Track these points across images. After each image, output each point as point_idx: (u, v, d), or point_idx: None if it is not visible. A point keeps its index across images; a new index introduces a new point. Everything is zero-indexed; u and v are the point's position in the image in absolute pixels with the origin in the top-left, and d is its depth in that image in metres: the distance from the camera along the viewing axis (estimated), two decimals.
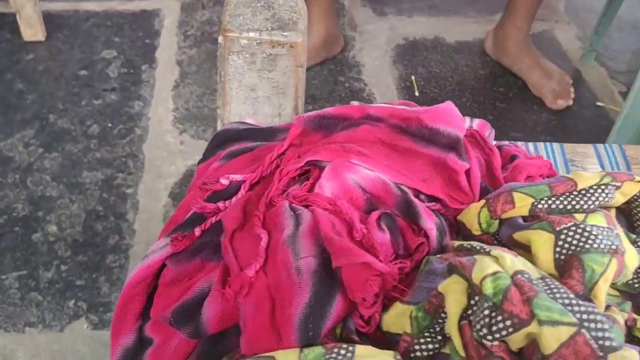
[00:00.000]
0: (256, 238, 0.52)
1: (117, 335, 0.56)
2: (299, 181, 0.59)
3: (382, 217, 0.54)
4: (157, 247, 0.58)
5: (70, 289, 1.38)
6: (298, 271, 0.47)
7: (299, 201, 0.54)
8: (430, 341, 0.47)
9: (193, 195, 0.61)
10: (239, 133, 0.68)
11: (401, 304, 0.50)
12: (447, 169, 0.58)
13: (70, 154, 1.65)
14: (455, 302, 0.45)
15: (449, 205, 0.57)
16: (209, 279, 0.52)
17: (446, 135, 0.58)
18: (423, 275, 0.50)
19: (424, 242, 0.53)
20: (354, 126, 0.61)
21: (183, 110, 1.80)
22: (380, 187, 0.55)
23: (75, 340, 1.30)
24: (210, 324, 0.49)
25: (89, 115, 1.76)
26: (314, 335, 0.45)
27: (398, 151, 0.59)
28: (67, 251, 1.44)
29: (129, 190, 1.58)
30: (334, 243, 0.47)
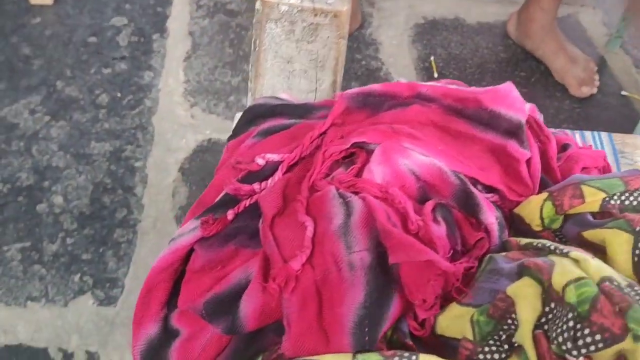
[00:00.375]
0: (300, 226, 0.47)
1: (140, 323, 0.52)
2: (343, 164, 0.53)
3: (437, 208, 0.49)
4: (185, 230, 0.53)
5: (75, 262, 1.33)
6: (350, 266, 0.43)
7: (346, 187, 0.49)
8: (496, 350, 0.42)
9: (225, 174, 0.56)
10: (273, 109, 0.63)
11: (459, 305, 0.45)
12: (507, 157, 0.53)
13: (77, 123, 1.60)
14: (529, 308, 0.40)
15: (507, 197, 0.52)
16: (247, 269, 0.48)
17: (507, 119, 0.53)
18: (485, 274, 0.45)
19: (484, 238, 0.48)
20: (402, 106, 0.56)
21: (194, 82, 1.74)
22: (436, 175, 0.50)
23: (80, 316, 1.26)
24: (249, 320, 0.45)
25: (98, 83, 1.70)
26: (370, 341, 0.41)
27: (452, 135, 0.54)
28: (73, 223, 1.40)
29: (138, 164, 1.53)
30: (393, 236, 0.42)
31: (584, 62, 1.72)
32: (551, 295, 0.40)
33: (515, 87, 0.57)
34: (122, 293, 1.29)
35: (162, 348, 0.50)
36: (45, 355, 1.21)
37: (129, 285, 1.31)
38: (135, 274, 1.33)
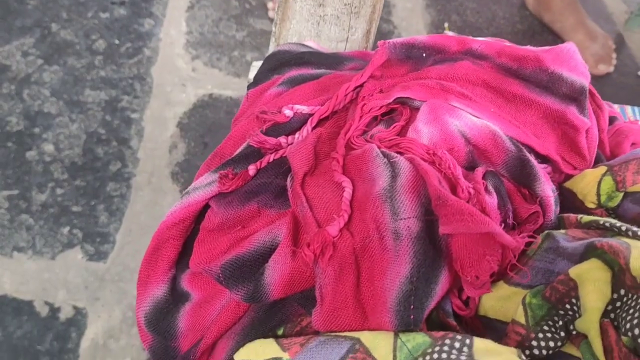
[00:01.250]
0: (336, 187, 0.41)
1: (145, 283, 0.46)
2: (381, 122, 0.48)
3: (487, 176, 0.43)
4: (200, 183, 0.48)
5: (65, 214, 1.27)
6: (396, 235, 0.37)
7: (388, 146, 0.44)
8: (551, 337, 0.37)
9: (247, 125, 0.50)
10: (300, 56, 0.57)
11: (506, 284, 0.40)
12: (565, 125, 0.47)
13: (72, 68, 1.52)
14: (598, 294, 0.35)
15: (561, 169, 0.47)
16: (272, 230, 0.42)
17: (569, 83, 0.47)
18: (540, 253, 0.40)
19: (538, 212, 0.43)
20: (449, 61, 0.50)
21: (197, 34, 1.66)
22: (489, 139, 0.44)
23: (68, 270, 1.21)
24: (275, 288, 0.39)
25: (95, 28, 1.62)
26: (416, 320, 0.35)
27: (505, 97, 0.48)
28: (63, 173, 1.33)
29: (134, 115, 1.46)
30: (450, 204, 0.37)
31: (602, 39, 1.67)
32: (624, 281, 0.35)
33: (577, 49, 0.51)
34: (113, 249, 1.24)
35: (170, 312, 0.45)
36: (31, 308, 1.16)
37: (121, 241, 1.25)
38: (127, 229, 1.27)
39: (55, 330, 1.14)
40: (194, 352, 0.42)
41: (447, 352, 0.34)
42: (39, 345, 1.12)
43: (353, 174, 0.42)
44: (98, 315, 1.16)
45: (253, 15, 1.73)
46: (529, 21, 1.81)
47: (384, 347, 0.36)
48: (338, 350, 0.37)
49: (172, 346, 0.44)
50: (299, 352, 0.38)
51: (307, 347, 0.38)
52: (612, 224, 0.39)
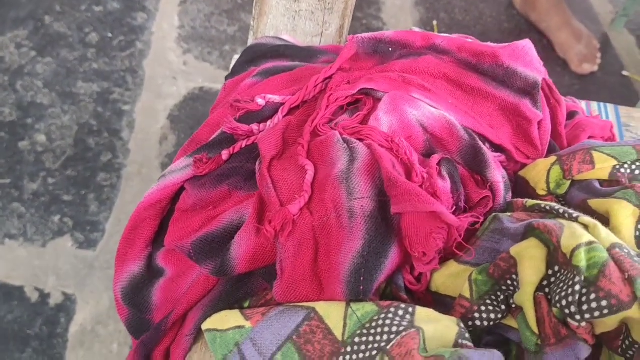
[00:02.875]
0: (300, 170, 0.44)
1: (123, 260, 0.49)
2: (347, 111, 0.51)
3: (442, 163, 0.46)
4: (176, 167, 0.51)
5: (56, 203, 1.30)
6: (350, 213, 0.40)
7: (350, 133, 0.47)
8: (492, 310, 0.40)
9: (222, 113, 0.53)
10: (275, 49, 0.60)
11: (457, 263, 0.44)
12: (518, 117, 0.50)
13: (65, 61, 1.54)
14: (534, 269, 0.38)
15: (514, 158, 0.50)
16: (240, 210, 0.45)
17: (523, 78, 0.50)
18: (488, 234, 0.43)
19: (489, 196, 0.46)
20: (414, 55, 0.53)
21: (189, 28, 1.69)
22: (445, 128, 0.47)
23: (58, 257, 1.24)
24: (239, 262, 0.42)
25: (88, 21, 1.64)
26: (365, 290, 0.39)
27: (464, 90, 0.51)
28: (55, 163, 1.36)
29: (126, 107, 1.48)
30: (399, 185, 0.40)
31: (587, 38, 1.70)
32: (557, 258, 0.38)
33: (533, 46, 0.54)
34: (103, 237, 1.27)
35: (145, 286, 0.48)
36: (21, 294, 1.18)
37: (110, 230, 1.28)
38: (117, 219, 1.30)
39: (45, 315, 1.17)
40: (166, 322, 0.45)
41: (390, 319, 0.37)
42: (28, 329, 1.15)
43: (316, 158, 0.45)
44: (87, 301, 1.19)
45: (244, 10, 1.76)
46: (516, 20, 1.84)
47: (336, 315, 0.40)
48: (295, 319, 0.40)
49: (147, 318, 0.47)
50: (260, 320, 0.41)
51: (268, 316, 0.41)
52: (552, 207, 0.43)
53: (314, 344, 0.39)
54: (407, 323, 0.37)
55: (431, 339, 0.37)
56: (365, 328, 0.38)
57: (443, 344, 0.37)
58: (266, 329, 0.41)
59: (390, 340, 0.37)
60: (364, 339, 0.38)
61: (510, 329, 0.41)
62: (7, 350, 1.13)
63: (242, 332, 0.41)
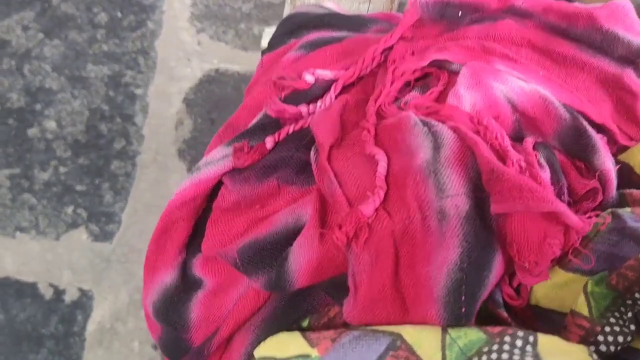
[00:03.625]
0: (368, 160, 0.36)
1: (153, 269, 0.42)
2: (415, 88, 0.43)
3: (538, 148, 0.38)
4: (212, 158, 0.43)
5: (69, 193, 1.23)
6: (442, 215, 0.32)
7: (425, 114, 0.39)
8: (620, 331, 0.32)
9: (262, 93, 0.45)
10: (319, 18, 0.52)
11: (563, 270, 0.35)
12: (621, 90, 0.42)
13: (74, 43, 1.46)
14: None
15: (618, 140, 0.42)
16: (296, 210, 0.37)
17: (626, 43, 0.42)
18: (603, 234, 0.35)
19: (597, 188, 0.38)
20: (489, 20, 0.45)
21: (202, 6, 1.60)
22: (539, 106, 0.39)
23: (72, 251, 1.17)
24: (299, 275, 0.35)
25: (97, 1, 1.56)
26: (467, 313, 0.31)
27: (554, 60, 0.43)
28: (66, 151, 1.29)
29: (138, 91, 1.41)
30: (506, 178, 0.32)
31: None
32: None
33: (632, 6, 0.46)
34: (119, 229, 1.20)
35: (181, 300, 0.40)
36: (34, 290, 1.12)
37: (126, 221, 1.21)
38: (133, 209, 1.23)
39: (60, 313, 1.10)
40: (209, 345, 0.38)
41: (508, 352, 0.29)
42: (43, 328, 1.08)
43: (387, 145, 0.37)
44: (104, 297, 1.13)
45: None
46: None
47: (431, 344, 0.32)
48: (376, 347, 0.32)
49: (184, 338, 0.40)
50: (329, 348, 0.33)
51: (340, 342, 0.33)
52: None
53: None
54: (532, 357, 0.29)
55: None
56: None
57: None
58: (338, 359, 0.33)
59: None
60: None
61: (638, 353, 0.33)
62: (20, 351, 1.06)
63: None
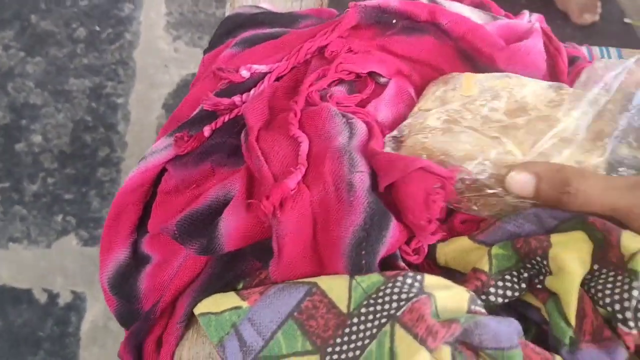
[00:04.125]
0: (292, 141, 0.42)
1: (108, 249, 0.47)
2: (342, 82, 0.48)
3: None
4: (157, 147, 0.48)
5: (57, 203, 1.28)
6: (350, 186, 0.38)
7: (343, 110, 0.44)
8: (510, 287, 0.38)
9: (202, 86, 0.50)
10: (254, 17, 0.57)
11: (471, 240, 0.41)
12: None
13: (54, 58, 1.52)
14: (580, 262, 0.36)
15: None
16: (226, 185, 0.43)
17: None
18: (511, 216, 0.41)
19: None
20: (416, 32, 0.50)
21: (177, 14, 1.65)
22: None
23: (64, 256, 1.22)
24: (228, 239, 0.40)
25: (75, 17, 1.61)
26: (367, 264, 0.36)
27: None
28: (53, 163, 1.34)
29: (120, 100, 1.46)
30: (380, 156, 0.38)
31: None
32: (606, 258, 0.35)
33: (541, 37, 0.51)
34: None
35: (131, 274, 0.45)
36: (29, 296, 1.17)
37: None
38: None
39: (55, 315, 1.16)
40: (154, 311, 0.43)
41: (399, 287, 0.34)
42: (40, 331, 1.14)
43: (308, 130, 0.42)
44: (96, 298, 1.18)
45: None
46: None
47: (340, 288, 0.37)
48: (296, 295, 0.38)
49: (136, 308, 0.45)
50: (258, 299, 0.39)
51: (266, 294, 0.39)
52: None
53: (317, 318, 0.37)
54: (417, 290, 0.34)
55: (442, 305, 0.35)
56: (372, 298, 0.36)
57: (455, 310, 0.35)
58: (265, 307, 0.38)
59: (400, 307, 0.34)
60: (371, 308, 0.36)
61: (529, 307, 0.38)
62: (19, 354, 1.12)
63: (239, 313, 0.39)
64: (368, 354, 0.33)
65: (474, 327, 0.33)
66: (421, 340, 0.32)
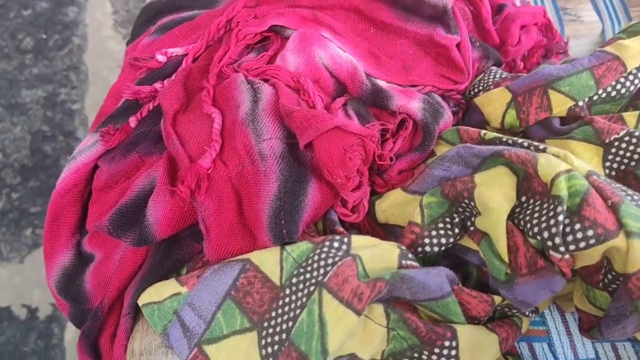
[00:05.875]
0: (206, 119, 0.41)
1: (52, 253, 0.47)
2: (253, 50, 0.47)
3: (348, 102, 0.44)
4: (85, 145, 0.47)
5: (25, 217, 1.27)
6: (261, 156, 0.38)
7: (255, 74, 0.44)
8: (444, 234, 0.38)
9: (123, 78, 0.50)
10: (171, 3, 0.56)
11: (404, 192, 0.41)
12: (435, 47, 0.47)
13: (4, 72, 1.49)
14: (504, 197, 0.36)
15: (441, 88, 0.47)
16: (150, 174, 0.42)
17: (432, 5, 0.47)
18: (437, 161, 0.41)
19: (405, 117, 0.43)
20: None
21: (124, 12, 1.62)
22: (348, 73, 0.44)
23: (38, 270, 1.21)
24: (158, 227, 0.40)
25: (20, 27, 1.58)
26: (289, 233, 0.36)
27: (377, 26, 0.48)
28: (16, 178, 1.32)
29: (75, 106, 1.44)
30: (295, 114, 0.37)
31: None
32: (531, 187, 0.35)
33: None
34: None
35: (77, 275, 0.45)
36: (9, 314, 1.16)
37: None
38: None
39: (37, 329, 1.15)
40: (102, 307, 0.43)
41: (326, 252, 0.35)
42: (24, 347, 1.13)
43: (221, 104, 0.42)
44: None
45: None
46: None
47: (272, 260, 0.37)
48: (231, 274, 0.38)
49: (86, 308, 0.45)
50: (195, 283, 0.39)
51: (203, 277, 0.39)
52: (515, 140, 0.39)
53: (252, 294, 0.37)
54: (343, 253, 0.34)
55: (371, 264, 0.35)
56: (302, 267, 0.36)
57: (385, 267, 0.35)
58: (202, 290, 0.38)
59: (327, 272, 0.35)
60: (301, 277, 0.36)
61: (468, 251, 0.39)
62: None
63: (179, 299, 0.39)
64: (300, 323, 0.33)
65: (402, 282, 0.33)
66: (347, 303, 0.32)
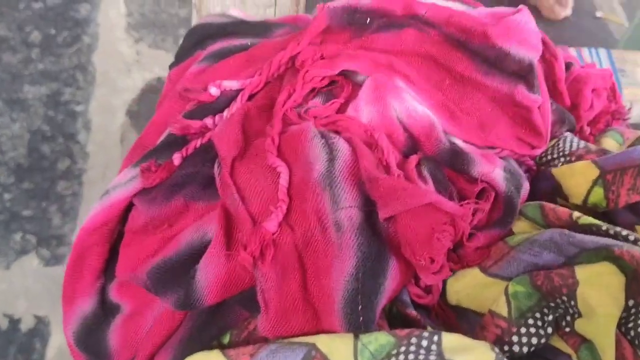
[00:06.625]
0: (270, 172, 0.37)
1: (72, 298, 0.42)
2: (319, 94, 0.43)
3: (422, 162, 0.39)
4: (121, 180, 0.42)
5: (15, 220, 1.21)
6: (337, 226, 0.33)
7: (325, 123, 0.39)
8: (535, 332, 0.33)
9: (169, 107, 0.45)
10: (223, 27, 0.52)
11: (483, 273, 0.36)
12: (514, 106, 0.44)
13: (8, 65, 1.43)
14: (612, 299, 0.31)
15: (518, 152, 0.43)
16: (201, 227, 0.37)
17: (517, 60, 0.43)
18: (525, 244, 0.36)
19: (485, 187, 0.39)
20: (395, 27, 0.45)
21: (138, 15, 1.58)
22: (423, 130, 0.40)
23: (25, 278, 1.15)
24: (208, 291, 0.35)
25: (29, 20, 1.52)
26: (366, 321, 0.31)
27: (453, 77, 0.44)
28: (9, 177, 1.26)
29: (79, 108, 1.38)
30: (381, 182, 0.33)
31: None
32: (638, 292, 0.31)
33: (530, 15, 0.47)
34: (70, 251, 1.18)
35: (100, 327, 0.40)
36: None
37: None
38: None
39: (18, 342, 1.08)
40: None
41: (414, 353, 0.30)
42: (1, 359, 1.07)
43: (288, 156, 0.37)
44: (60, 322, 1.11)
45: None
46: None
47: (343, 351, 0.32)
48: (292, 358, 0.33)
49: None
50: None
51: (258, 357, 0.34)
52: (618, 232, 0.35)
53: None
54: (435, 356, 0.30)
55: None
56: None
57: None
58: None
59: None
60: None
61: (559, 354, 0.34)
62: None
63: None
64: None
65: None
66: None
